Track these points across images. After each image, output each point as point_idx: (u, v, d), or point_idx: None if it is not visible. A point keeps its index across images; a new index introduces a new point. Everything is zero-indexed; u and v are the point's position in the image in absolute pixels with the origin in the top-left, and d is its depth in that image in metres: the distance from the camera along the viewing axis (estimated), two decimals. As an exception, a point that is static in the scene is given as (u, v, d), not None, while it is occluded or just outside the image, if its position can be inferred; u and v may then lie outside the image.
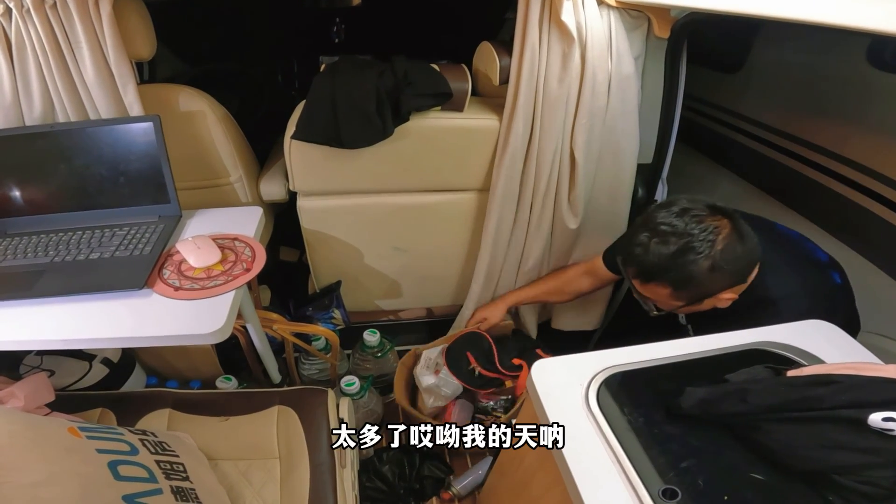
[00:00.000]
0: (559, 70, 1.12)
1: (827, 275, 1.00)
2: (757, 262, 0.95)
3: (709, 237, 0.89)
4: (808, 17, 0.72)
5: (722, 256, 0.89)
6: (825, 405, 0.59)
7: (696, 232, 0.89)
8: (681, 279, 0.92)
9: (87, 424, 0.82)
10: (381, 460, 1.36)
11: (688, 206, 0.93)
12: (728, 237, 0.90)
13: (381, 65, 1.20)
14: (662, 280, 0.94)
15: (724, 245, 0.89)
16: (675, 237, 0.90)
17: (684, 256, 0.89)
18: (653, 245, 0.92)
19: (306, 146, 1.20)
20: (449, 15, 2.29)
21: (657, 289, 0.96)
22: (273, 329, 1.27)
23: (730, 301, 0.96)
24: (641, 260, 0.94)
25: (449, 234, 1.46)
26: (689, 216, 0.91)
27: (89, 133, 1.07)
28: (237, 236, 1.10)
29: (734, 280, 0.93)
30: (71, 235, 1.07)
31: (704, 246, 0.89)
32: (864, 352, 0.80)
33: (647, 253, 0.92)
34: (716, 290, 0.93)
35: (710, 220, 0.91)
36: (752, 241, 0.92)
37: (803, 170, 1.55)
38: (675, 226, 0.91)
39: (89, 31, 1.02)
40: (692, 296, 0.95)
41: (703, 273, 0.90)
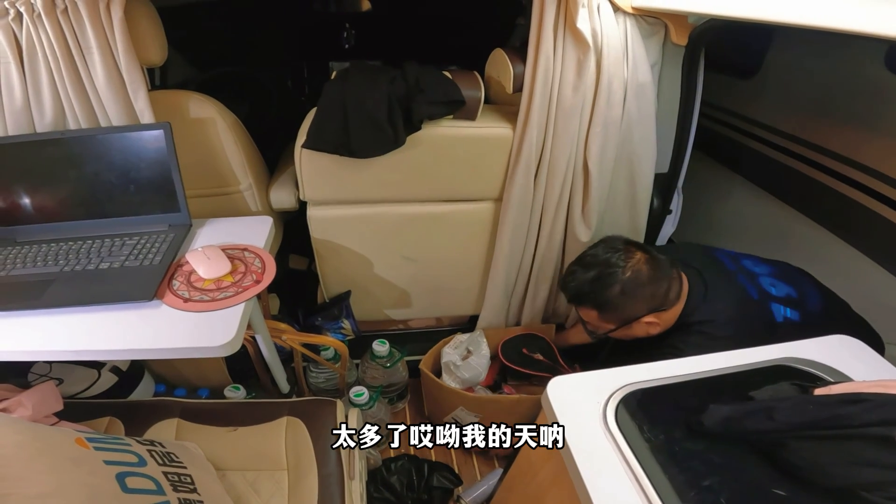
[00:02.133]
0: (574, 78, 1.11)
1: (763, 307, 1.07)
2: (678, 292, 1.07)
3: (619, 264, 1.05)
4: (827, 24, 0.71)
5: (631, 281, 1.04)
6: (855, 423, 0.58)
7: (613, 261, 1.06)
8: (599, 302, 1.07)
9: (95, 435, 0.82)
10: (389, 470, 1.35)
11: (609, 241, 1.12)
12: (637, 265, 1.05)
13: (393, 71, 1.19)
14: (587, 303, 1.10)
15: (632, 272, 1.04)
16: (596, 266, 1.07)
17: (600, 281, 1.06)
18: (578, 272, 1.10)
19: (317, 155, 1.19)
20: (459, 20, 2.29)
21: (587, 312, 1.12)
22: (282, 339, 1.26)
23: (657, 327, 1.08)
24: (570, 285, 1.11)
25: (461, 245, 1.45)
26: (608, 248, 1.09)
27: (100, 140, 1.07)
28: (247, 247, 1.09)
29: (649, 305, 1.05)
30: (81, 244, 1.07)
31: (615, 273, 1.05)
32: (890, 367, 0.78)
33: (573, 279, 1.10)
34: (634, 313, 1.06)
35: (623, 252, 1.07)
36: (664, 272, 1.06)
37: (818, 176, 1.53)
38: (596, 255, 1.09)
39: (100, 36, 1.02)
40: (616, 318, 1.09)
41: (615, 296, 1.05)
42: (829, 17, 0.71)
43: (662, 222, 1.45)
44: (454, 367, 1.39)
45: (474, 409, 1.36)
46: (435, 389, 1.43)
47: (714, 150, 2.01)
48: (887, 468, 0.55)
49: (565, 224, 1.34)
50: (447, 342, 1.50)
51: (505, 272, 1.42)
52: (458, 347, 1.45)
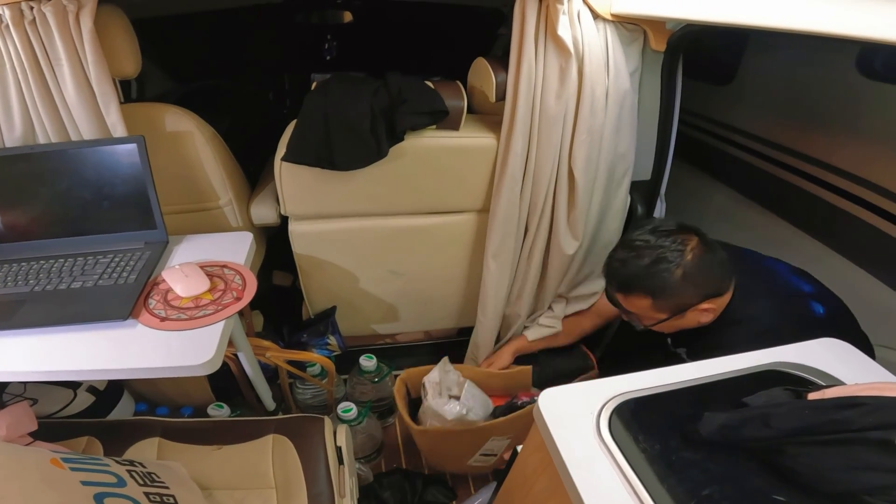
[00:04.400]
0: (557, 85, 1.10)
1: (804, 303, 1.04)
2: (730, 275, 1.02)
3: (678, 247, 0.99)
4: (802, 27, 0.72)
5: (692, 265, 0.98)
6: (853, 427, 0.57)
7: (668, 244, 0.99)
8: (657, 287, 1.00)
9: (71, 455, 0.79)
10: (381, 486, 1.33)
11: (658, 224, 1.05)
12: (696, 248, 0.99)
13: (375, 82, 1.18)
14: (641, 290, 1.02)
15: (693, 255, 0.98)
16: (649, 250, 1.00)
17: (657, 265, 0.98)
18: (630, 259, 1.02)
19: (298, 168, 1.17)
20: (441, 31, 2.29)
21: (638, 301, 1.04)
22: (266, 357, 1.23)
23: (711, 314, 1.02)
24: (620, 273, 1.03)
25: (447, 257, 1.43)
26: (660, 232, 1.02)
27: (71, 155, 1.04)
28: (227, 263, 1.06)
29: (708, 290, 1.00)
30: (53, 263, 1.03)
31: (675, 255, 0.98)
32: (880, 369, 0.78)
33: (625, 266, 1.02)
34: (692, 300, 1.00)
35: (678, 235, 1.00)
36: (721, 255, 1.01)
37: (795, 180, 1.56)
38: (647, 241, 1.01)
39: (70, 48, 0.99)
40: (671, 306, 1.02)
41: (676, 281, 0.98)
42: (802, 19, 0.72)
43: (646, 230, 1.45)
44: (466, 411, 1.22)
45: (506, 432, 1.24)
46: (450, 442, 1.25)
47: (694, 156, 2.03)
48: (889, 472, 0.54)
49: (548, 236, 1.32)
50: (407, 391, 1.35)
51: (496, 287, 1.39)
52: (441, 393, 1.26)
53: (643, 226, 1.05)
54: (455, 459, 1.33)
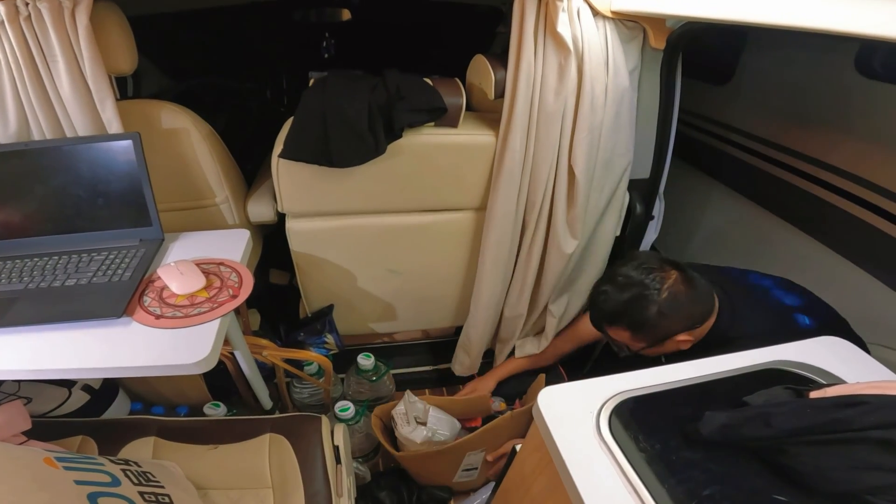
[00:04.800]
0: (556, 83, 1.10)
1: (789, 318, 1.07)
2: (710, 306, 1.06)
3: (656, 285, 1.03)
4: (803, 24, 0.71)
5: (668, 303, 1.02)
6: (854, 426, 0.57)
7: (648, 281, 1.03)
8: (635, 323, 1.05)
9: (65, 454, 0.78)
10: (379, 485, 1.33)
11: (643, 260, 1.08)
12: (674, 286, 1.03)
13: (373, 79, 1.17)
14: (621, 324, 1.07)
15: (669, 293, 1.02)
16: (630, 286, 1.04)
17: (636, 303, 1.03)
18: (612, 293, 1.06)
19: (295, 165, 1.16)
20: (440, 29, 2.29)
21: (619, 332, 1.09)
22: (263, 355, 1.22)
23: (689, 343, 1.07)
24: (603, 307, 1.08)
25: (445, 255, 1.42)
26: (643, 268, 1.05)
27: (66, 151, 1.03)
28: (223, 261, 1.05)
29: (685, 324, 1.04)
30: (46, 261, 1.02)
31: (652, 293, 1.02)
32: (879, 367, 0.78)
33: (607, 300, 1.07)
34: (669, 332, 1.04)
35: (658, 272, 1.04)
36: (701, 289, 1.05)
37: (793, 180, 1.55)
38: (630, 276, 1.05)
39: (65, 44, 0.98)
40: (649, 338, 1.06)
41: (652, 317, 1.02)
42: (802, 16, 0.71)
43: (645, 228, 1.45)
44: (432, 434, 1.28)
45: (478, 446, 1.27)
46: (430, 463, 1.29)
47: (692, 156, 2.03)
48: (890, 471, 0.54)
49: (546, 235, 1.31)
50: (383, 424, 1.36)
51: (490, 285, 1.39)
52: (409, 422, 1.29)
53: (629, 260, 1.10)
54: (441, 478, 1.35)
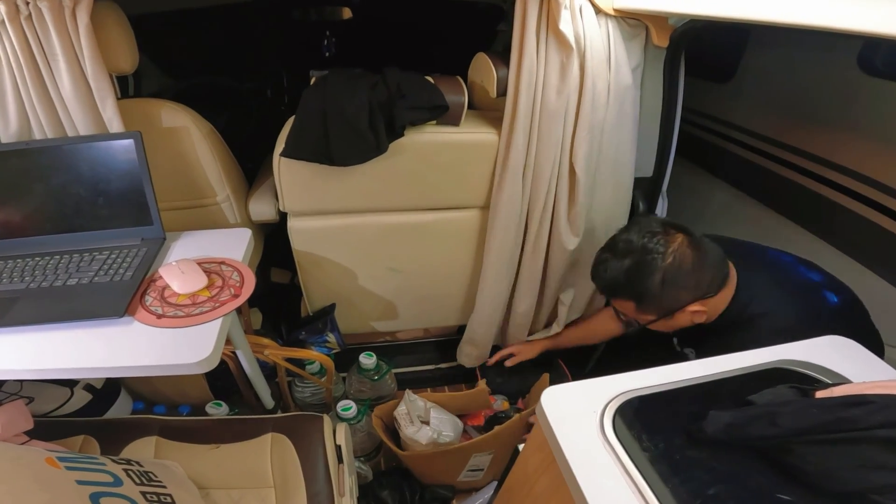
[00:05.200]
0: (558, 81, 1.09)
1: (818, 294, 1.00)
2: (724, 274, 0.97)
3: (660, 250, 0.93)
4: (805, 22, 0.71)
5: (673, 269, 0.93)
6: (861, 426, 0.56)
7: (651, 246, 0.94)
8: (638, 293, 0.96)
9: (67, 454, 0.78)
10: (381, 485, 1.33)
11: (645, 224, 0.99)
12: (679, 250, 0.93)
13: (374, 77, 1.16)
14: (623, 295, 0.99)
15: (674, 258, 0.93)
16: (632, 253, 0.95)
17: (637, 271, 0.94)
18: (611, 261, 0.98)
19: (296, 164, 1.16)
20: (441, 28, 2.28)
21: (624, 303, 1.01)
22: (265, 354, 1.22)
23: (704, 315, 0.98)
24: (603, 277, 1.00)
25: (447, 254, 1.42)
26: (645, 232, 0.96)
27: (67, 151, 1.03)
28: (224, 260, 1.05)
29: (695, 293, 0.95)
30: (48, 260, 1.02)
31: (655, 259, 0.93)
32: (884, 366, 0.77)
33: (607, 269, 0.99)
34: (678, 303, 0.96)
35: (662, 235, 0.95)
36: (713, 255, 0.95)
37: (796, 178, 1.55)
38: (630, 241, 0.96)
39: (66, 43, 0.98)
40: (656, 309, 0.98)
41: (656, 286, 0.94)
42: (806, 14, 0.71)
43: (648, 227, 1.44)
44: (437, 435, 1.27)
45: (485, 448, 1.28)
46: (436, 463, 1.29)
47: (695, 154, 2.02)
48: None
49: (549, 232, 1.31)
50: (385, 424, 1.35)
51: (493, 283, 1.39)
52: (413, 421, 1.29)
53: (631, 225, 1.01)
54: (445, 477, 1.35)
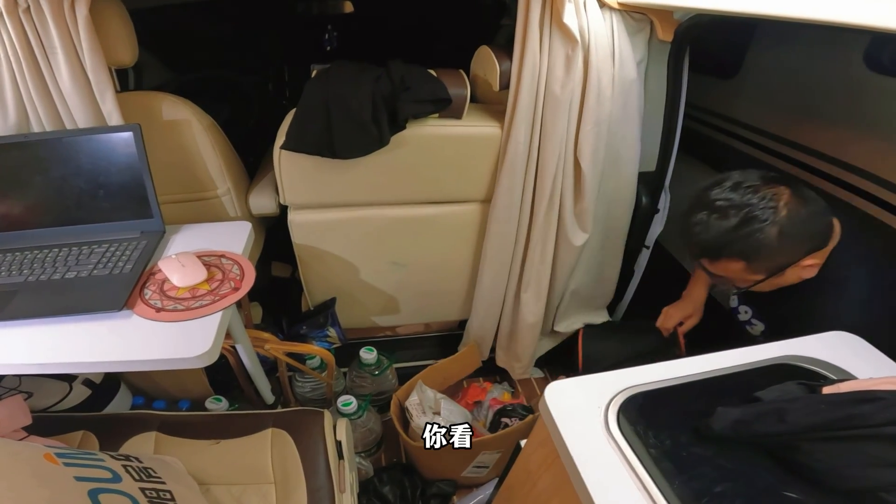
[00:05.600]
0: (562, 74, 1.08)
1: None
2: (831, 224, 0.94)
3: (769, 204, 0.89)
4: (810, 16, 0.70)
5: (789, 221, 0.88)
6: (870, 423, 0.55)
7: (755, 201, 0.89)
8: (749, 249, 0.90)
9: (66, 450, 0.77)
10: (382, 480, 1.33)
11: (740, 179, 0.93)
12: (790, 201, 0.89)
13: (377, 70, 1.15)
14: (731, 254, 0.92)
15: (789, 210, 0.89)
16: (735, 209, 0.90)
17: (748, 226, 0.89)
18: (712, 221, 0.91)
19: (297, 157, 1.15)
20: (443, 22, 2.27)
21: (729, 265, 0.95)
22: (265, 349, 1.21)
23: (815, 269, 0.94)
24: (704, 238, 0.93)
25: (450, 248, 1.41)
26: (744, 188, 0.91)
27: (66, 143, 1.02)
28: (224, 253, 1.04)
29: (811, 244, 0.92)
30: (46, 253, 1.01)
31: (767, 213, 0.88)
32: (892, 363, 0.76)
33: (709, 229, 0.92)
34: (793, 257, 0.92)
35: (766, 189, 0.90)
36: (819, 204, 0.91)
37: (801, 175, 1.54)
38: (731, 199, 0.91)
39: (64, 35, 0.97)
40: (769, 266, 0.93)
41: (772, 240, 0.89)
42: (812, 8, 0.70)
43: (651, 221, 1.43)
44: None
45: (494, 447, 1.29)
46: (444, 456, 1.27)
47: (698, 150, 2.01)
48: None
49: (556, 227, 1.30)
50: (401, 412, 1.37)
51: (492, 277, 1.39)
52: (424, 412, 1.30)
53: (717, 182, 0.95)
54: (450, 471, 1.35)
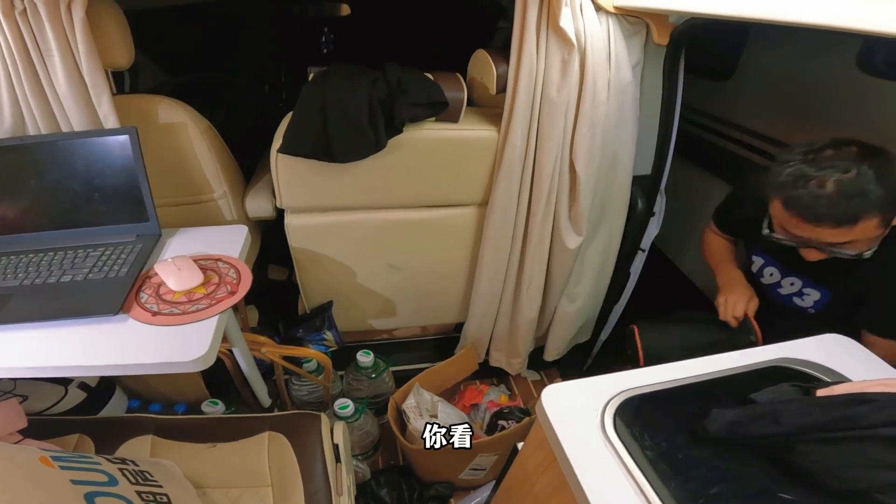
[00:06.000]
0: (558, 78, 1.08)
1: None
2: None
3: (879, 153, 0.89)
4: (804, 20, 0.71)
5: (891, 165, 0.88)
6: (864, 424, 0.56)
7: (851, 157, 0.89)
8: (887, 198, 0.87)
9: (61, 453, 0.77)
10: (379, 483, 1.33)
11: (808, 148, 0.93)
12: (863, 151, 0.90)
13: (373, 73, 1.15)
14: (869, 209, 0.88)
15: (879, 157, 0.89)
16: (845, 168, 0.88)
17: (872, 176, 0.87)
18: (835, 186, 0.88)
19: (294, 160, 1.15)
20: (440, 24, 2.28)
21: (864, 224, 0.90)
22: (261, 352, 1.21)
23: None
24: (835, 203, 0.89)
25: (447, 251, 1.41)
26: (828, 152, 0.91)
27: (61, 146, 1.02)
28: (220, 257, 1.04)
29: None
30: (42, 256, 1.01)
31: (873, 162, 0.87)
32: (884, 365, 0.77)
33: (840, 195, 0.88)
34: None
35: (843, 148, 0.91)
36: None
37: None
38: (833, 163, 0.89)
39: (61, 38, 0.96)
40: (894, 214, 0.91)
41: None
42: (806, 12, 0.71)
43: (647, 224, 1.44)
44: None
45: (491, 449, 1.30)
46: (442, 458, 1.29)
47: (693, 152, 2.02)
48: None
49: (552, 229, 1.31)
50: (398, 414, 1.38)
51: (488, 280, 1.39)
52: (421, 415, 1.30)
53: (790, 151, 0.94)
54: (447, 474, 1.36)
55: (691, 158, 2.04)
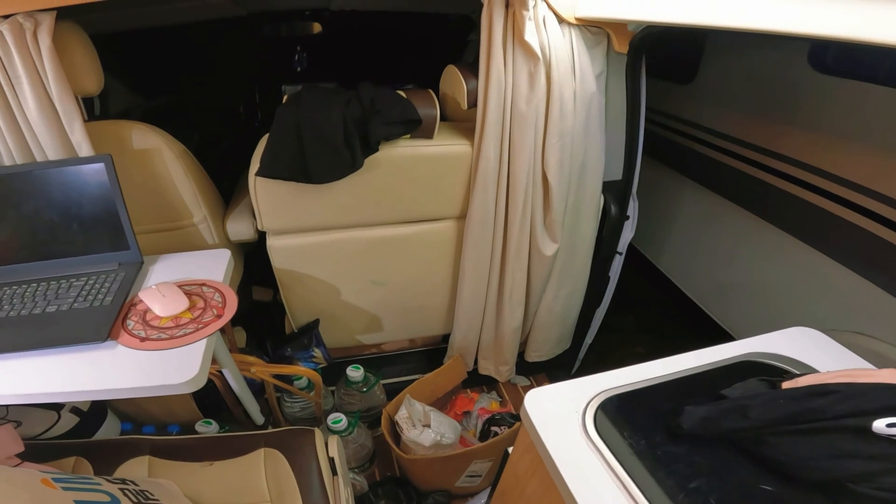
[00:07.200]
0: (526, 90, 1.11)
1: None
2: None
3: None
4: (753, 26, 0.74)
5: None
6: (828, 415, 0.58)
7: None
8: None
9: (62, 475, 0.77)
10: (377, 495, 1.33)
11: None
12: None
13: (347, 93, 1.17)
14: None
15: None
16: None
17: None
18: None
19: (273, 183, 1.16)
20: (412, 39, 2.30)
21: None
22: (252, 372, 1.21)
23: None
24: None
25: (429, 265, 1.43)
26: None
27: (36, 176, 1.01)
28: (205, 281, 1.05)
29: None
30: (25, 288, 1.00)
31: None
32: (852, 355, 0.80)
33: None
34: None
35: None
36: None
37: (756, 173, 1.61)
38: None
39: (29, 65, 0.96)
40: None
41: None
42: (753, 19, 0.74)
43: (622, 229, 1.48)
44: (440, 437, 1.31)
45: (486, 455, 1.32)
46: (437, 467, 1.33)
47: (662, 154, 2.08)
48: (870, 459, 0.54)
49: (529, 238, 1.33)
50: (391, 425, 1.40)
51: (471, 291, 1.41)
52: (415, 425, 1.32)
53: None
54: (444, 482, 1.37)
55: (662, 160, 2.09)
